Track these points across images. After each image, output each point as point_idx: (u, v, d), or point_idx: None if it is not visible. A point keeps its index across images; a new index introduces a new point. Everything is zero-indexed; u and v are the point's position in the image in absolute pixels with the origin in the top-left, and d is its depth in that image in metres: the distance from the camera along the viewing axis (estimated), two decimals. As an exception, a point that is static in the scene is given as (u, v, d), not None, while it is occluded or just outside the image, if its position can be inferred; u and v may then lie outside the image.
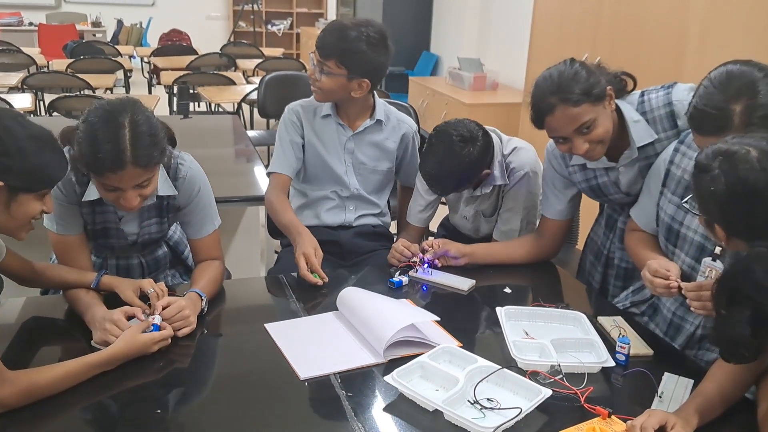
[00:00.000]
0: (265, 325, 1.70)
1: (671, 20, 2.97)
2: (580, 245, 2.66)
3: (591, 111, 1.80)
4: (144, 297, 1.69)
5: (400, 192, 2.56)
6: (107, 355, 1.46)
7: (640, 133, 1.90)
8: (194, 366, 1.57)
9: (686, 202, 1.55)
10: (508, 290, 1.99)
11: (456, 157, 2.03)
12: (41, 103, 5.38)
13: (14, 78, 5.50)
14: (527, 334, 1.71)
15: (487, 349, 1.66)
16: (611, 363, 1.56)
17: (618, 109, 1.90)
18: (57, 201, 1.74)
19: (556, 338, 1.65)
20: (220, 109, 5.83)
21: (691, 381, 1.53)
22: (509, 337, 1.64)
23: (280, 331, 1.68)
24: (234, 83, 5.51)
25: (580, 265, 2.36)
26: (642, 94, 1.93)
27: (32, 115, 4.65)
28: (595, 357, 1.61)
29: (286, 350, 1.60)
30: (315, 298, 1.88)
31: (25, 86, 5.24)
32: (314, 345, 1.64)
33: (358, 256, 2.32)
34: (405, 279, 1.98)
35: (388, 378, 1.46)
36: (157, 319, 1.57)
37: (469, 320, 1.81)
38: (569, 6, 3.76)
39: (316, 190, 2.36)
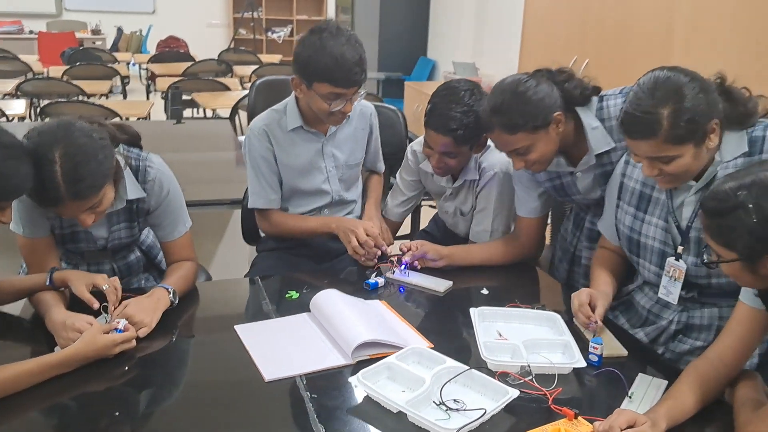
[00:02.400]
0: (235, 326, 1.68)
1: (657, 21, 2.96)
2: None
3: (527, 138, 1.82)
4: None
5: (364, 177, 2.55)
6: (64, 356, 1.44)
7: (598, 140, 1.89)
8: (159, 369, 1.54)
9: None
10: (485, 291, 1.96)
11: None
12: (35, 109, 5.39)
13: (10, 84, 5.51)
14: (500, 335, 1.69)
15: (459, 351, 1.63)
16: (582, 363, 1.53)
17: (578, 116, 1.88)
18: (23, 204, 1.72)
19: (529, 339, 1.63)
20: (217, 115, 5.83)
21: (665, 382, 1.51)
22: (481, 338, 1.62)
23: (250, 333, 1.66)
24: (228, 89, 5.51)
25: (551, 262, 2.34)
26: (601, 99, 1.91)
27: (24, 120, 4.66)
28: (567, 358, 1.58)
29: (254, 352, 1.58)
30: (288, 301, 1.85)
31: (19, 92, 5.26)
32: (282, 346, 1.61)
33: (332, 258, 2.30)
34: (381, 280, 1.96)
35: (352, 379, 1.43)
36: (121, 323, 1.55)
37: (442, 322, 1.79)
38: (557, 10, 3.75)
39: (292, 209, 2.31)
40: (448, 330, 1.74)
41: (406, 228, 3.21)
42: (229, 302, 1.91)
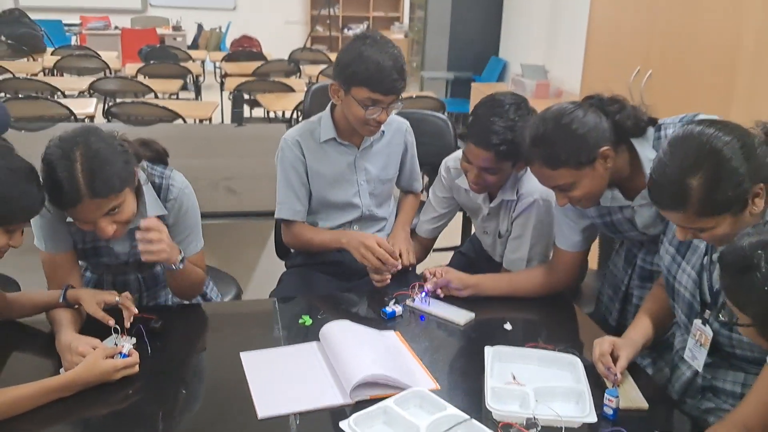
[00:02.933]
0: (240, 353, 1.66)
1: (725, 33, 2.75)
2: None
3: (570, 175, 1.70)
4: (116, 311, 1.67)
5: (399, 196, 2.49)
6: (65, 380, 1.45)
7: None
8: (156, 395, 1.53)
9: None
10: (508, 326, 1.86)
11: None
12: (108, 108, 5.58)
13: (86, 82, 5.71)
14: (515, 378, 1.60)
15: (467, 394, 1.55)
16: (593, 418, 1.43)
17: (633, 147, 1.75)
18: (45, 219, 1.75)
19: (541, 386, 1.53)
20: (281, 117, 5.88)
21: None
22: (489, 383, 1.53)
23: (253, 362, 1.63)
24: (293, 90, 5.54)
25: (598, 298, 2.21)
26: (659, 128, 1.77)
27: (93, 120, 4.82)
28: (579, 410, 1.48)
29: (253, 384, 1.55)
30: (300, 327, 1.82)
31: (93, 90, 5.44)
32: (284, 379, 1.58)
33: (360, 277, 2.24)
34: (399, 309, 1.90)
35: (343, 424, 1.38)
36: (125, 348, 1.55)
37: (456, 359, 1.71)
38: (623, 16, 3.56)
39: (321, 223, 2.28)
40: (460, 369, 1.66)
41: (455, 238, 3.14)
42: (242, 325, 1.88)
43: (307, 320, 1.83)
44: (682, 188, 1.35)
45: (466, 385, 1.59)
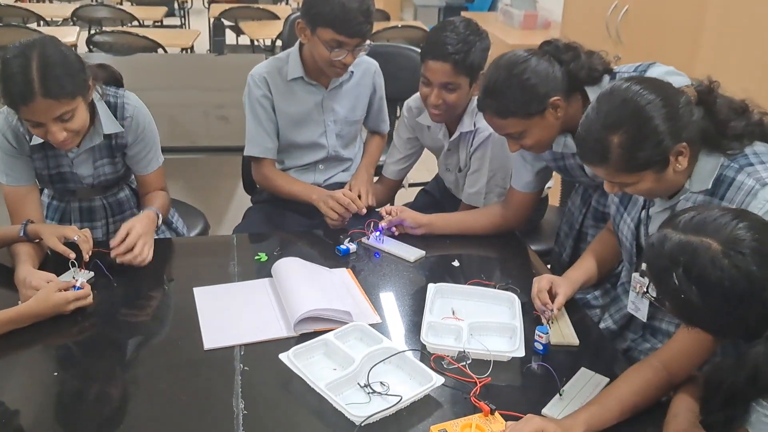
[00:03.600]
0: (194, 289, 1.73)
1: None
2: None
3: (519, 124, 1.73)
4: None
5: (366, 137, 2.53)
6: (16, 313, 1.52)
7: None
8: (110, 328, 1.61)
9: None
10: (456, 263, 1.93)
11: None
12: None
13: (70, 9, 5.64)
14: (454, 313, 1.67)
15: (406, 329, 1.63)
16: (521, 353, 1.51)
17: (586, 95, 1.77)
18: (6, 152, 1.81)
19: (476, 321, 1.61)
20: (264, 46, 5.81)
21: (606, 380, 1.47)
22: (427, 318, 1.61)
23: (205, 297, 1.71)
24: (277, 18, 5.47)
25: (557, 234, 2.27)
26: (613, 77, 1.77)
27: (75, 49, 4.77)
28: (510, 345, 1.56)
29: (203, 317, 1.63)
30: (256, 263, 1.89)
31: (76, 18, 5.37)
32: (232, 313, 1.65)
33: (320, 215, 2.30)
34: (353, 246, 1.96)
35: (282, 356, 1.46)
36: (79, 281, 1.62)
37: (401, 295, 1.78)
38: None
39: (287, 162, 2.33)
40: (405, 304, 1.74)
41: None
42: (199, 260, 1.95)
43: (263, 257, 1.90)
44: (603, 144, 1.38)
45: (407, 319, 1.67)
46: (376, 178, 2.42)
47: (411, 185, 2.89)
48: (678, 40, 2.79)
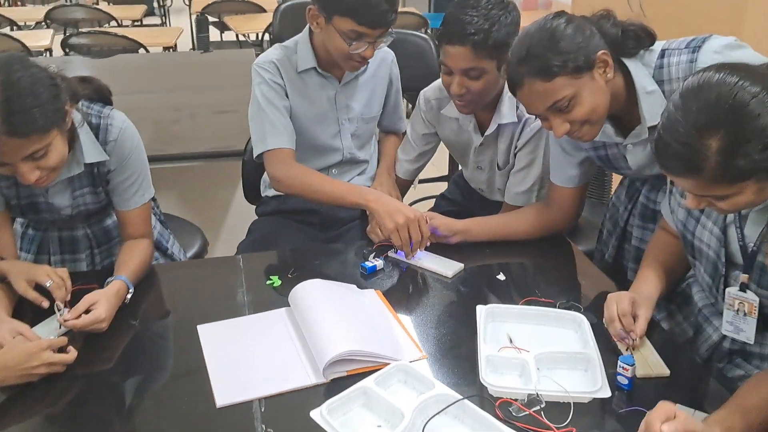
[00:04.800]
0: (198, 327, 1.45)
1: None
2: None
3: (569, 85, 1.42)
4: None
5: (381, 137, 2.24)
6: None
7: (654, 108, 1.48)
8: (94, 384, 1.31)
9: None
10: (501, 277, 1.65)
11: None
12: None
13: (43, 11, 5.31)
14: (511, 341, 1.40)
15: (457, 365, 1.35)
16: (606, 393, 1.23)
17: (628, 73, 1.49)
18: None
19: (543, 352, 1.33)
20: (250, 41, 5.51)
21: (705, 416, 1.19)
22: (483, 350, 1.33)
23: (212, 336, 1.42)
24: (263, 10, 5.16)
25: (600, 231, 2.00)
26: (662, 55, 1.49)
27: (49, 54, 4.46)
28: (588, 381, 1.28)
29: (211, 363, 1.34)
30: (268, 289, 1.60)
31: (49, 20, 5.05)
32: (246, 356, 1.37)
33: (341, 226, 2.02)
34: (380, 263, 1.68)
35: (314, 413, 1.18)
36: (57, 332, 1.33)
37: (444, 320, 1.50)
38: None
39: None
40: (449, 332, 1.45)
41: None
42: (201, 289, 1.65)
43: (276, 281, 1.62)
44: (696, 151, 1.10)
45: (456, 352, 1.39)
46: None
47: (421, 182, 2.61)
48: (718, 7, 2.51)
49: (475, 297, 1.57)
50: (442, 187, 3.43)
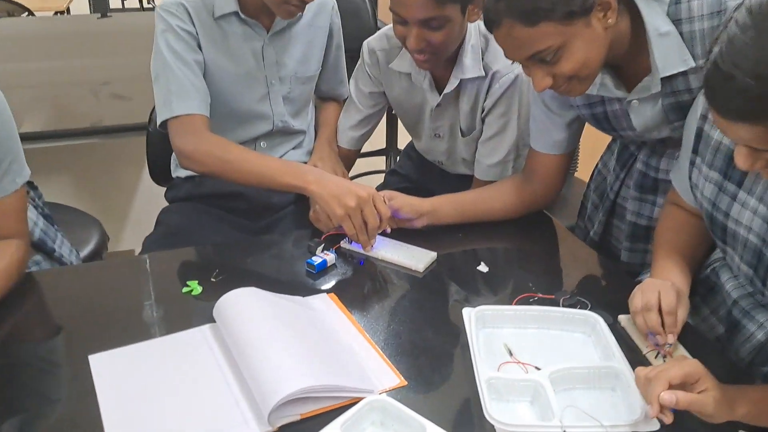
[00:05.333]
0: (89, 357, 1.05)
1: None
2: (582, 174, 2.02)
3: (556, 33, 1.10)
4: None
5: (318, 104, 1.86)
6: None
7: (668, 55, 1.18)
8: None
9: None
10: (483, 268, 1.33)
11: None
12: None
13: None
14: (511, 354, 1.08)
15: (449, 392, 1.02)
16: (654, 426, 0.92)
17: (636, 12, 1.18)
18: None
19: (559, 370, 1.01)
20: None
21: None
22: (480, 371, 1.00)
23: (109, 372, 1.03)
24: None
25: (582, 203, 1.71)
26: None
27: None
28: (621, 405, 0.97)
29: (107, 408, 0.96)
30: (185, 299, 1.22)
31: None
32: (157, 396, 0.99)
33: (273, 213, 1.65)
34: (330, 256, 1.32)
35: (260, 487, 0.82)
36: None
37: (423, 330, 1.15)
38: None
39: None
40: (430, 347, 1.11)
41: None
42: (94, 303, 1.23)
43: (195, 288, 1.23)
44: (763, 90, 0.80)
45: (444, 372, 1.06)
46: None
47: (362, 155, 2.25)
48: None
49: (456, 296, 1.24)
50: (379, 163, 3.10)
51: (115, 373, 1.03)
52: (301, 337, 1.04)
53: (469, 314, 1.12)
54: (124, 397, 0.98)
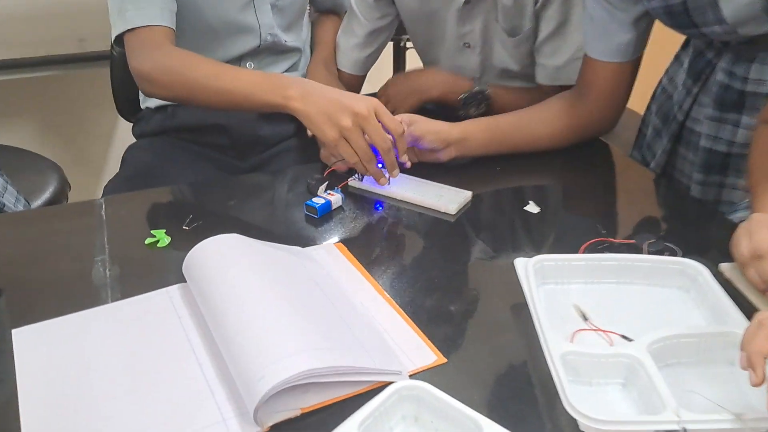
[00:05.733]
0: (13, 332, 0.77)
1: None
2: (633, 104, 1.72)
3: None
4: None
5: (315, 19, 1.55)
6: None
7: None
8: None
9: None
10: (532, 208, 1.04)
11: None
12: None
13: None
14: (586, 318, 0.79)
15: (506, 373, 0.74)
16: (813, 417, 0.64)
17: None
18: None
19: (661, 339, 0.72)
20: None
21: None
22: (551, 345, 0.72)
23: (38, 349, 0.75)
24: None
25: (640, 130, 1.41)
26: None
27: None
28: (748, 390, 0.69)
29: (28, 398, 0.68)
30: (149, 252, 0.93)
31: None
32: (102, 386, 0.71)
33: (265, 150, 1.35)
34: (336, 197, 1.03)
35: None
36: None
37: (461, 289, 0.87)
38: None
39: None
40: (474, 311, 0.83)
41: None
42: (28, 262, 0.93)
43: (163, 238, 0.95)
44: None
45: (498, 348, 0.77)
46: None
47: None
48: None
49: (501, 245, 0.96)
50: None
51: (46, 351, 0.75)
52: (300, 301, 0.76)
53: (525, 266, 0.84)
54: (53, 384, 0.70)
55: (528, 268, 0.83)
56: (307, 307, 0.75)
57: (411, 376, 0.71)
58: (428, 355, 0.74)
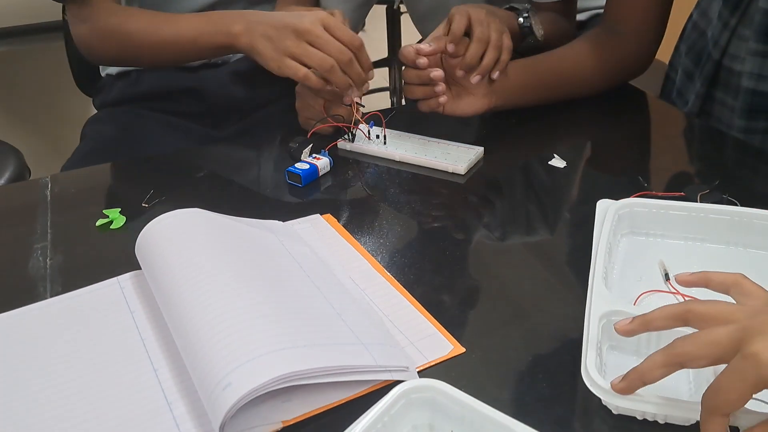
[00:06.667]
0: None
1: None
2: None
3: None
4: None
5: None
6: None
7: None
8: None
9: None
10: (558, 162, 0.88)
11: None
12: None
13: None
14: (668, 277, 0.64)
15: (546, 361, 0.58)
16: None
17: None
18: None
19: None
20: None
21: None
22: (594, 301, 0.56)
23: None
24: None
25: (667, 75, 1.25)
26: None
27: None
28: None
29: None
30: (99, 235, 0.78)
31: None
32: (33, 397, 0.55)
33: (243, 117, 1.19)
34: (323, 161, 0.87)
35: None
36: None
37: (478, 264, 0.71)
38: None
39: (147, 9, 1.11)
40: (498, 285, 0.68)
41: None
42: None
43: (117, 218, 0.79)
44: None
45: (531, 326, 0.62)
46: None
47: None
48: None
49: (524, 205, 0.80)
50: (379, 80, 2.61)
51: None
52: (278, 286, 0.60)
53: (605, 210, 0.68)
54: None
55: (613, 212, 0.67)
56: (287, 294, 0.59)
57: (421, 373, 0.55)
58: (442, 345, 0.58)
